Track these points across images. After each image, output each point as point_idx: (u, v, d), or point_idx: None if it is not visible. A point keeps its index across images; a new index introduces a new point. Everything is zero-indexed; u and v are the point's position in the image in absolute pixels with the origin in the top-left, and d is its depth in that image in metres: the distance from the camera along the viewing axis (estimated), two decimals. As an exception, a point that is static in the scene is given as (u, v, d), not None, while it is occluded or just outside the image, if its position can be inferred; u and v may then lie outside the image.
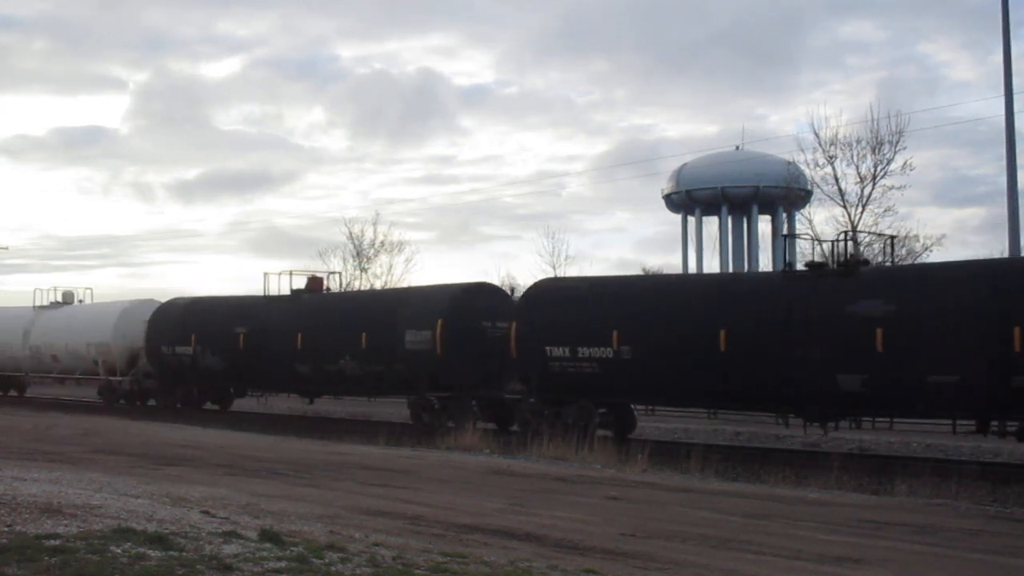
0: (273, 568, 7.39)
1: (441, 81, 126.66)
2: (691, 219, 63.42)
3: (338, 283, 32.19)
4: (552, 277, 26.62)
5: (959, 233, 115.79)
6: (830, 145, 35.78)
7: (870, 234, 25.00)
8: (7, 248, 77.29)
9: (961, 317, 17.58)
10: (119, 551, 7.74)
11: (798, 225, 47.17)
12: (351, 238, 52.12)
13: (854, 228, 35.35)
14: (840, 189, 35.63)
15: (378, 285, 49.36)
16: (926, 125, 63.86)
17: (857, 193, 35.39)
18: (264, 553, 7.86)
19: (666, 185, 63.39)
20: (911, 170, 35.73)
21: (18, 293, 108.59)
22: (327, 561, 7.70)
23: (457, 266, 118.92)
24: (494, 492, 13.29)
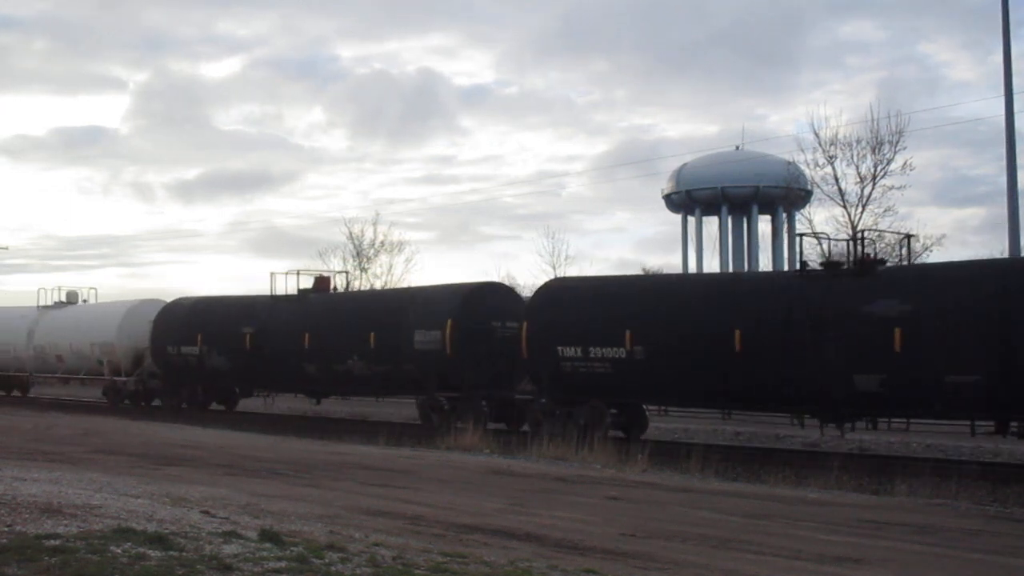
0: (273, 568, 7.39)
1: (441, 81, 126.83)
2: (691, 219, 63.41)
3: (346, 283, 31.90)
4: (563, 276, 26.43)
5: (959, 233, 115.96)
6: (830, 145, 35.88)
7: (886, 232, 24.70)
8: (7, 248, 77.29)
9: (980, 317, 17.38)
10: (119, 551, 7.74)
11: (798, 225, 47.27)
12: (351, 238, 52.19)
13: (855, 228, 35.50)
14: (840, 189, 35.73)
15: (378, 285, 49.38)
16: (926, 125, 63.77)
17: (857, 193, 35.48)
18: (264, 553, 7.86)
19: (666, 185, 63.39)
20: (911, 170, 35.85)
21: (18, 293, 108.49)
22: (327, 561, 7.70)
23: (457, 266, 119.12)
24: (494, 492, 13.29)
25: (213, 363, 30.57)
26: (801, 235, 22.78)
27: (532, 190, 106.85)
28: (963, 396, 17.32)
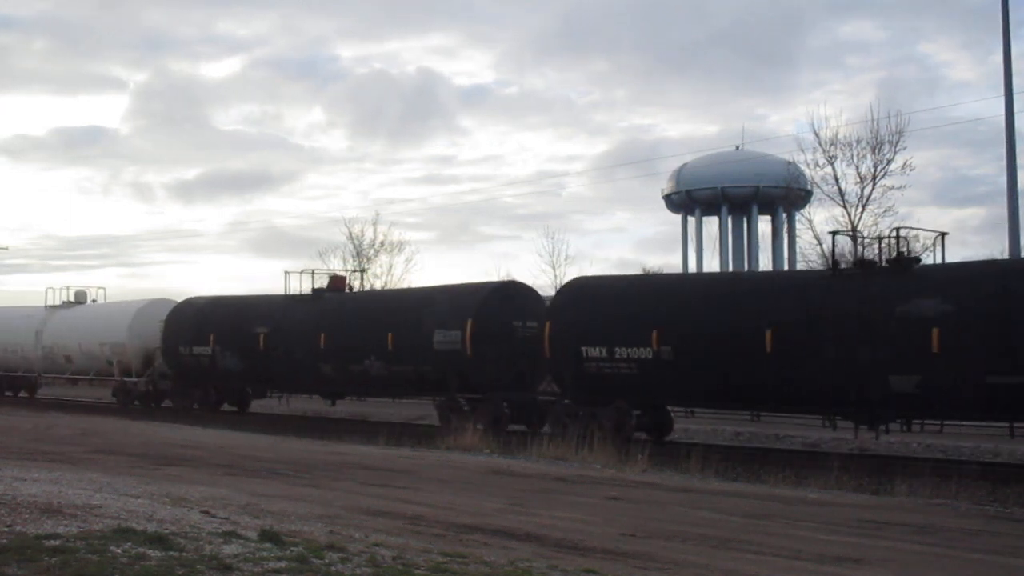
0: (273, 568, 7.39)
1: (441, 81, 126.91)
2: (691, 219, 63.43)
3: (361, 281, 31.27)
4: (586, 275, 25.97)
5: (959, 233, 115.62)
6: (830, 145, 35.87)
7: (919, 230, 24.31)
8: (7, 248, 77.41)
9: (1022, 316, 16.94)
10: (119, 551, 7.74)
11: (798, 225, 47.24)
12: (351, 238, 52.14)
13: (855, 228, 35.48)
14: (840, 189, 35.72)
15: (378, 285, 49.36)
16: (926, 125, 64.04)
17: (857, 193, 35.48)
18: (264, 553, 7.86)
19: (666, 185, 63.41)
20: (911, 170, 35.82)
21: (18, 293, 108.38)
22: (327, 561, 7.70)
23: (457, 266, 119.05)
24: (494, 492, 13.28)
25: (226, 364, 30.27)
26: (834, 233, 21.63)
27: (532, 190, 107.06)
28: (1004, 398, 16.94)
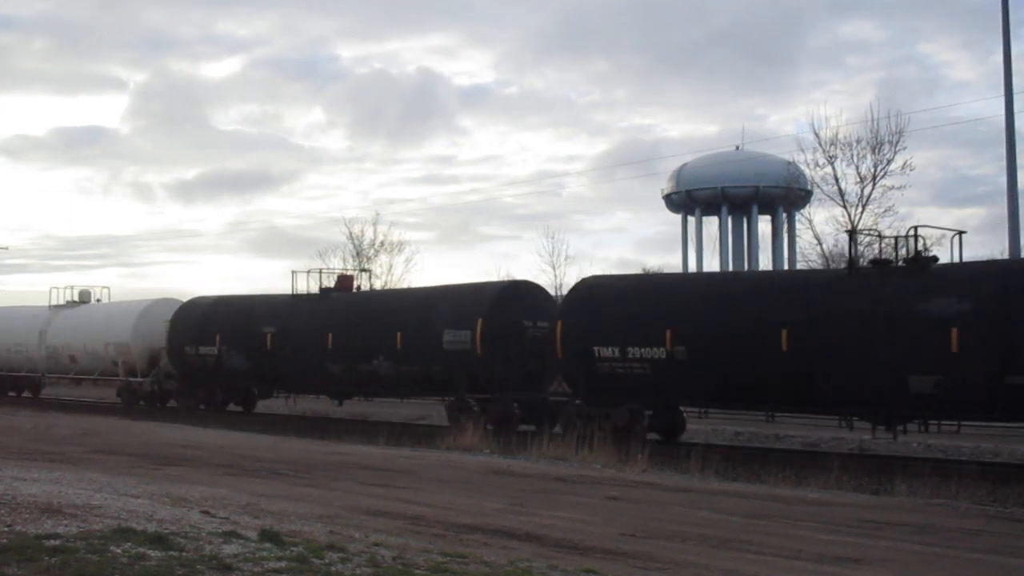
0: (273, 568, 7.39)
1: (441, 81, 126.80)
2: (691, 219, 63.41)
3: (369, 281, 30.84)
4: (598, 275, 25.76)
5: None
6: (830, 145, 35.85)
7: (936, 229, 24.16)
8: (7, 248, 77.40)
9: None
10: (119, 551, 7.75)
11: (798, 225, 47.25)
12: (351, 238, 52.19)
13: (855, 227, 35.48)
14: (840, 189, 35.70)
15: (378, 285, 49.37)
16: (926, 125, 64.00)
17: (857, 193, 35.46)
18: (264, 553, 7.86)
19: (666, 185, 63.39)
20: (911, 170, 35.78)
21: (18, 293, 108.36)
22: (327, 561, 7.70)
23: (457, 266, 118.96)
24: (494, 492, 13.29)
25: (232, 363, 30.07)
26: (852, 232, 21.28)
27: (532, 190, 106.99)
28: None
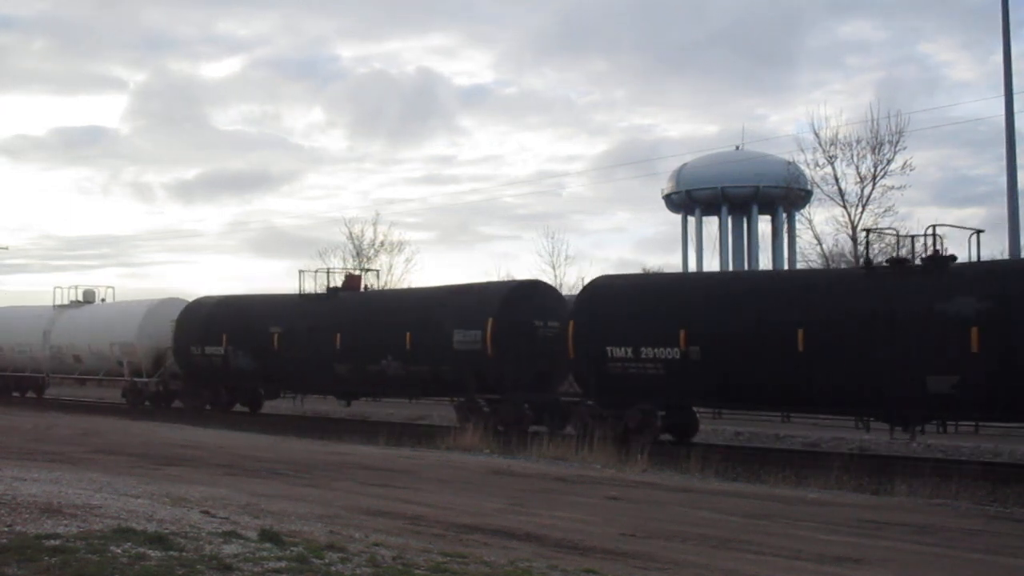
0: (273, 568, 7.39)
1: (441, 81, 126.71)
2: (691, 219, 63.41)
3: (378, 280, 30.40)
4: (610, 274, 25.62)
5: (959, 233, 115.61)
6: (830, 145, 35.87)
7: (954, 227, 23.93)
8: (7, 248, 77.37)
9: None
10: (119, 551, 7.75)
11: (798, 225, 47.25)
12: (351, 238, 52.18)
13: (855, 228, 35.52)
14: (840, 189, 35.70)
15: (377, 286, 49.33)
16: (926, 125, 64.01)
17: (857, 193, 35.46)
18: (264, 553, 7.86)
19: (666, 185, 63.39)
20: (911, 170, 35.79)
21: (18, 293, 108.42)
22: (327, 561, 7.70)
23: (457, 266, 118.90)
24: (494, 492, 13.29)
25: (239, 364, 29.92)
26: (868, 231, 20.83)
27: (532, 190, 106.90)
28: None
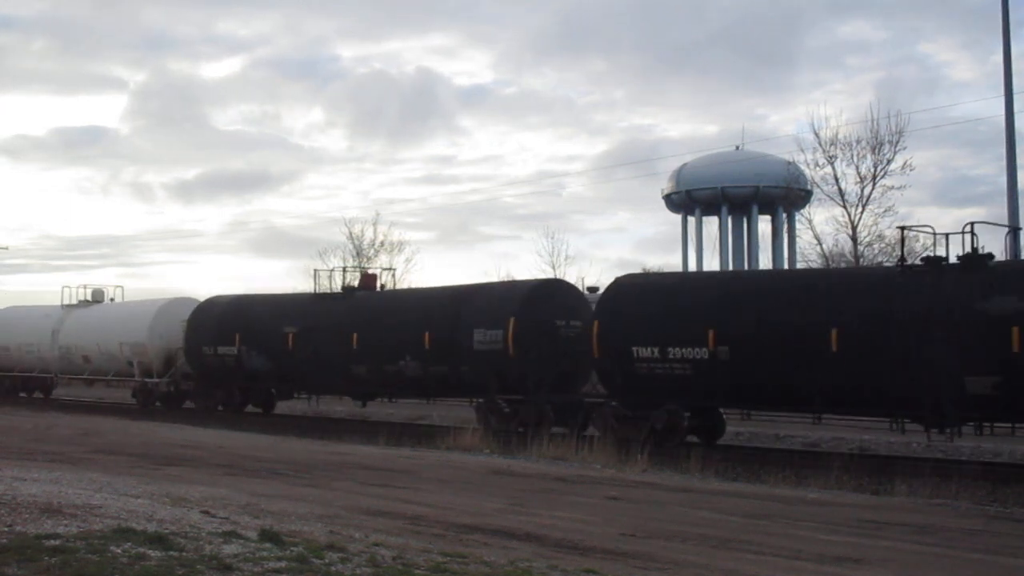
0: (273, 568, 7.39)
1: (440, 81, 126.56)
2: (691, 219, 63.38)
3: (392, 280, 30.10)
4: (635, 273, 25.37)
5: (959, 233, 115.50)
6: (830, 145, 35.98)
7: (990, 225, 23.51)
8: (7, 248, 77.35)
9: None
10: (119, 551, 7.75)
11: (798, 225, 47.27)
12: (351, 238, 52.29)
13: (855, 227, 35.53)
14: (840, 189, 35.80)
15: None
16: (926, 125, 63.79)
17: (857, 193, 35.58)
18: (264, 553, 7.87)
19: (666, 185, 63.36)
20: (911, 170, 35.93)
21: (18, 293, 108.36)
22: (327, 561, 7.70)
23: (457, 266, 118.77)
24: (494, 492, 13.29)
25: (252, 364, 29.58)
26: (903, 228, 20.63)
27: (532, 190, 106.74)
28: None
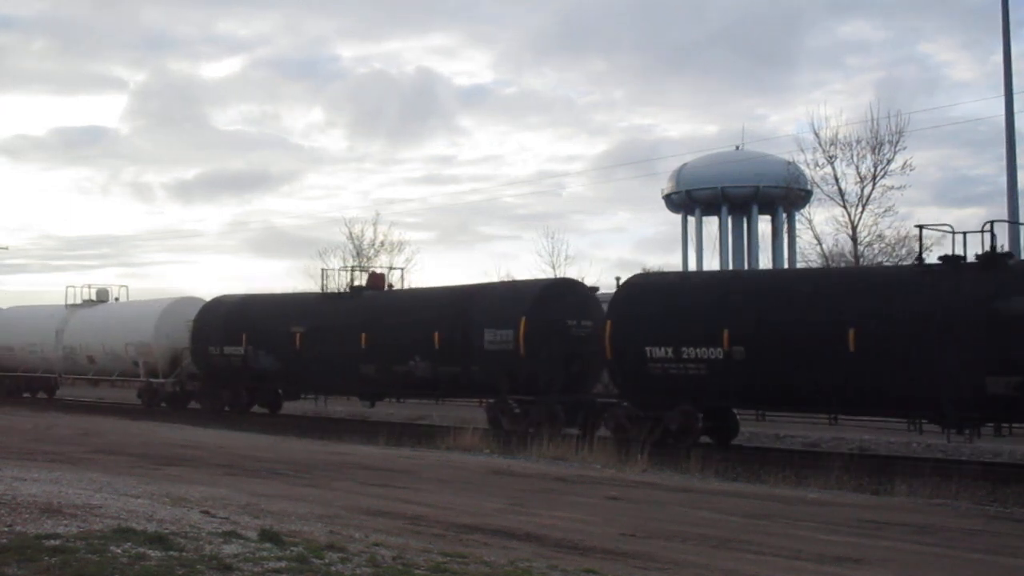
0: (273, 568, 7.39)
1: (440, 81, 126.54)
2: (691, 219, 63.39)
3: (401, 279, 29.83)
4: (648, 272, 25.25)
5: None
6: (830, 145, 35.93)
7: (1015, 224, 23.17)
8: (7, 248, 77.27)
9: None
10: (119, 551, 7.75)
11: (798, 225, 47.25)
12: (351, 238, 52.23)
13: (855, 227, 35.53)
14: (840, 189, 35.76)
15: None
16: (926, 125, 63.61)
17: (857, 193, 35.53)
18: (264, 553, 7.87)
19: (666, 185, 63.37)
20: (911, 170, 35.87)
21: (18, 293, 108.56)
22: (327, 561, 7.70)
23: (457, 266, 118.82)
24: (494, 492, 13.29)
25: (260, 364, 29.41)
26: (922, 227, 20.21)
27: (532, 190, 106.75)
28: None
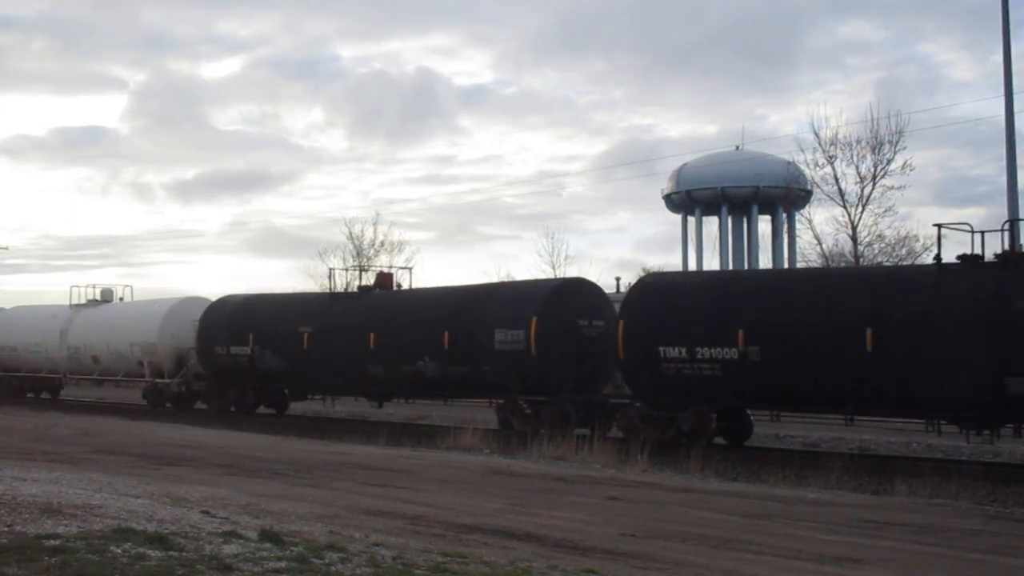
0: (273, 568, 7.39)
1: (440, 81, 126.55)
2: (691, 219, 63.40)
3: (410, 279, 29.91)
4: (662, 271, 25.18)
5: (959, 233, 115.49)
6: (830, 145, 35.95)
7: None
8: (7, 248, 77.35)
9: None
10: (119, 551, 7.75)
11: (798, 225, 47.26)
12: (351, 238, 52.25)
13: (855, 227, 35.54)
14: (840, 189, 35.77)
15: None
16: (926, 125, 63.69)
17: (857, 193, 35.55)
18: (264, 553, 7.87)
19: (666, 185, 63.38)
20: (911, 170, 35.89)
21: (18, 293, 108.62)
22: (327, 561, 7.70)
23: (457, 266, 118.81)
24: (494, 492, 13.29)
25: (266, 364, 29.27)
26: (940, 225, 20.04)
27: (532, 190, 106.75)
28: None
